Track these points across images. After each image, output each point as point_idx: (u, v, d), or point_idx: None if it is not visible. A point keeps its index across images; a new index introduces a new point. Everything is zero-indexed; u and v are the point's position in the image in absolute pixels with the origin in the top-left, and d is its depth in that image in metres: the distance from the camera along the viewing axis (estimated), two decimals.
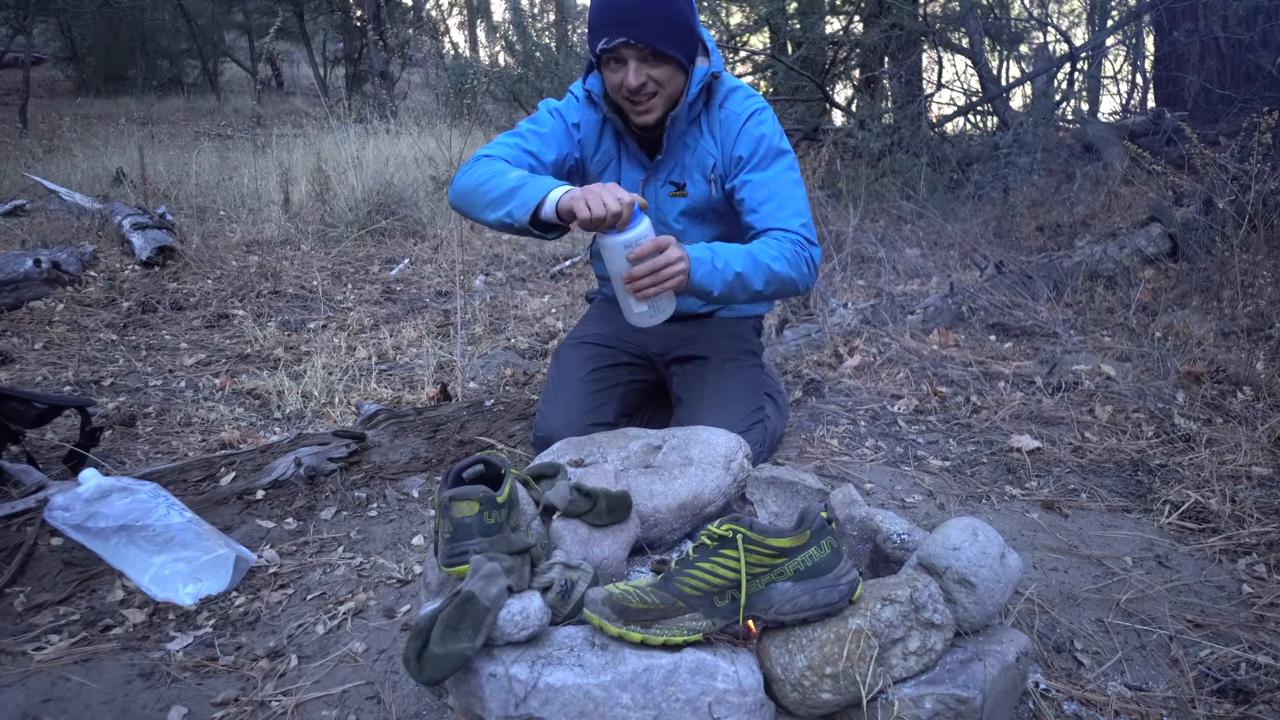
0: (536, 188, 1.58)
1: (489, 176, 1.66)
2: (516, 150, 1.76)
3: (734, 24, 7.25)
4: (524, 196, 1.58)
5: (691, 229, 1.90)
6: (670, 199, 1.87)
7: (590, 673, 1.04)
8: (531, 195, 1.57)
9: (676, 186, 1.87)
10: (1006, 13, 6.36)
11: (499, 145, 1.76)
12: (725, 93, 1.82)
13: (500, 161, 1.70)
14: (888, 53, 6.17)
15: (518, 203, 1.58)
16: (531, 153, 1.77)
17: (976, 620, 1.15)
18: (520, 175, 1.63)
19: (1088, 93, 8.04)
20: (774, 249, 1.69)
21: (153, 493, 1.63)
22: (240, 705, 1.25)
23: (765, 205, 1.76)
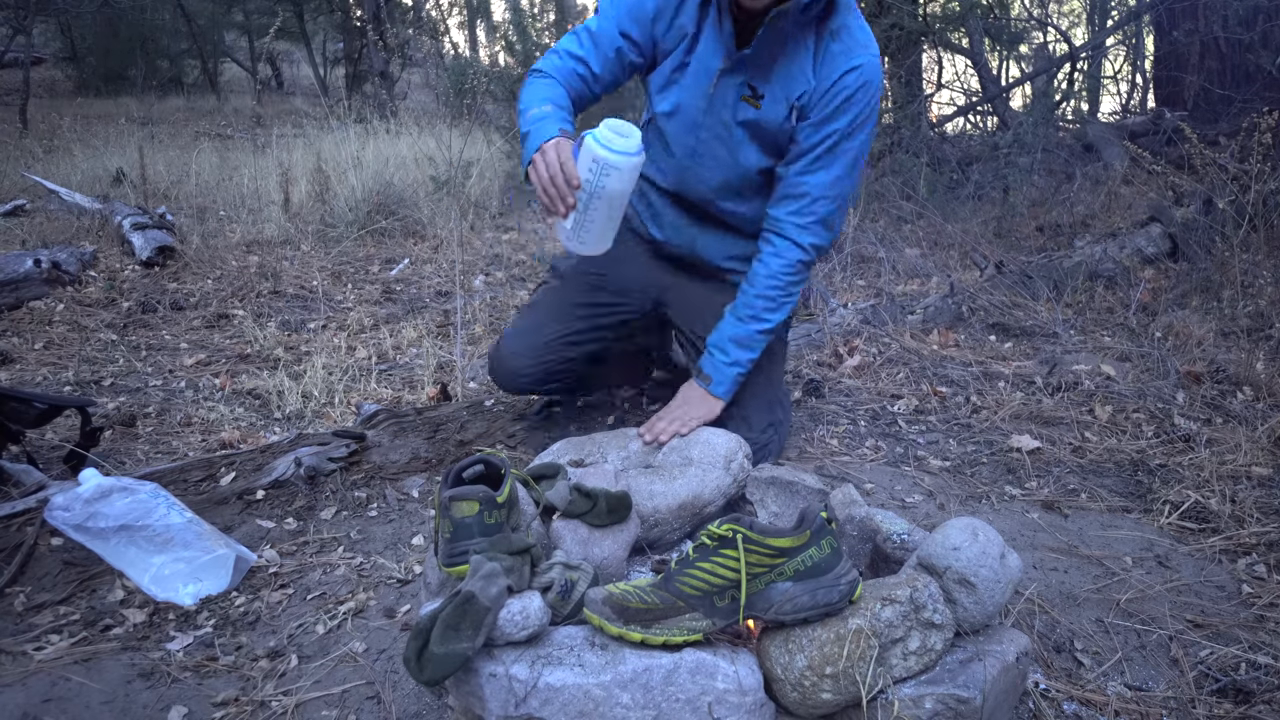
0: (536, 136, 1.54)
1: (522, 110, 1.63)
2: (565, 61, 1.69)
3: None
4: (527, 148, 1.55)
5: (749, 147, 1.72)
6: (741, 103, 1.67)
7: (590, 673, 1.04)
8: (531, 146, 1.54)
9: (754, 92, 1.66)
10: (1006, 13, 6.36)
11: (554, 54, 1.71)
12: (843, 22, 1.61)
13: (539, 85, 1.65)
14: (888, 53, 6.16)
15: (527, 148, 1.56)
16: (581, 58, 1.68)
17: (976, 620, 1.15)
18: (536, 115, 1.57)
19: (1088, 93, 8.04)
20: (770, 288, 1.73)
21: (153, 493, 1.63)
22: (240, 705, 1.25)
23: (794, 200, 1.69)
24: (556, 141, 1.48)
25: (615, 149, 1.44)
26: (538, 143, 1.52)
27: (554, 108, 1.58)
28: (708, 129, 1.73)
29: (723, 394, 1.75)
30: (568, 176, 1.44)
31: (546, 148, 1.48)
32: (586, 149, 1.45)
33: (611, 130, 1.46)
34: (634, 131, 1.48)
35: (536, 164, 1.48)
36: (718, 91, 1.68)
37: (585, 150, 1.45)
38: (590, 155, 1.45)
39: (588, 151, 1.45)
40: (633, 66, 1.72)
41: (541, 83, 1.65)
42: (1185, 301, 3.17)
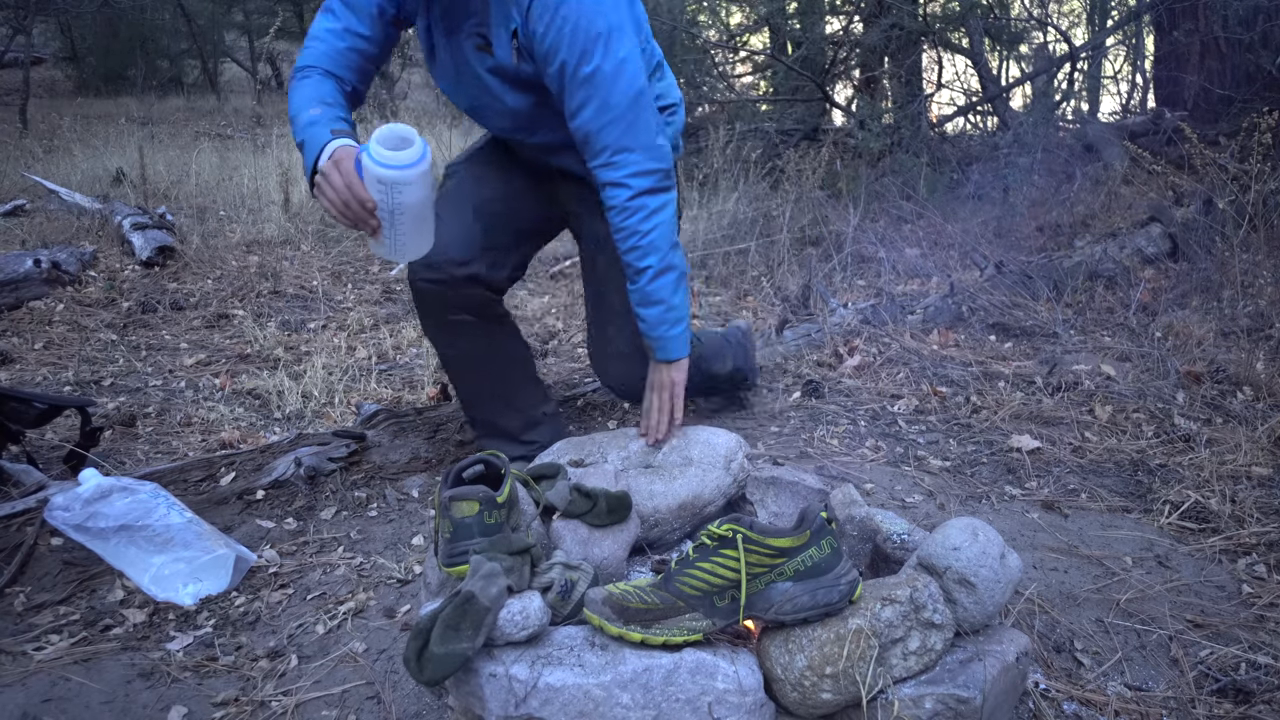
0: (311, 145, 1.44)
1: (292, 117, 1.51)
2: (326, 41, 1.56)
3: (734, 24, 7.25)
4: (305, 158, 1.46)
5: (508, 91, 1.63)
6: (476, 52, 1.60)
7: (590, 673, 1.04)
8: (308, 156, 1.44)
9: (484, 40, 1.59)
10: (1006, 13, 6.35)
11: (311, 42, 1.58)
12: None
13: (304, 86, 1.54)
14: (888, 53, 6.16)
15: (306, 159, 1.45)
16: (343, 30, 1.57)
17: (976, 620, 1.15)
18: (306, 119, 1.47)
19: (1088, 93, 8.04)
20: (624, 242, 1.57)
21: (153, 493, 1.63)
22: (240, 705, 1.25)
23: (584, 148, 1.55)
24: (335, 160, 1.37)
25: (395, 165, 1.33)
26: (314, 153, 1.42)
27: (323, 107, 1.48)
28: (468, 81, 1.64)
29: (674, 353, 1.62)
30: (360, 200, 1.35)
31: (327, 170, 1.37)
32: (366, 170, 1.35)
33: (383, 145, 1.34)
34: (409, 134, 1.37)
35: (323, 189, 1.37)
36: (457, 44, 1.61)
37: (366, 172, 1.35)
38: (373, 177, 1.34)
39: (369, 173, 1.34)
40: (396, 22, 1.62)
41: (305, 83, 1.54)
42: (1185, 301, 3.17)
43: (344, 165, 1.36)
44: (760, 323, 3.36)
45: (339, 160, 1.37)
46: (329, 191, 1.37)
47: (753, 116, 6.12)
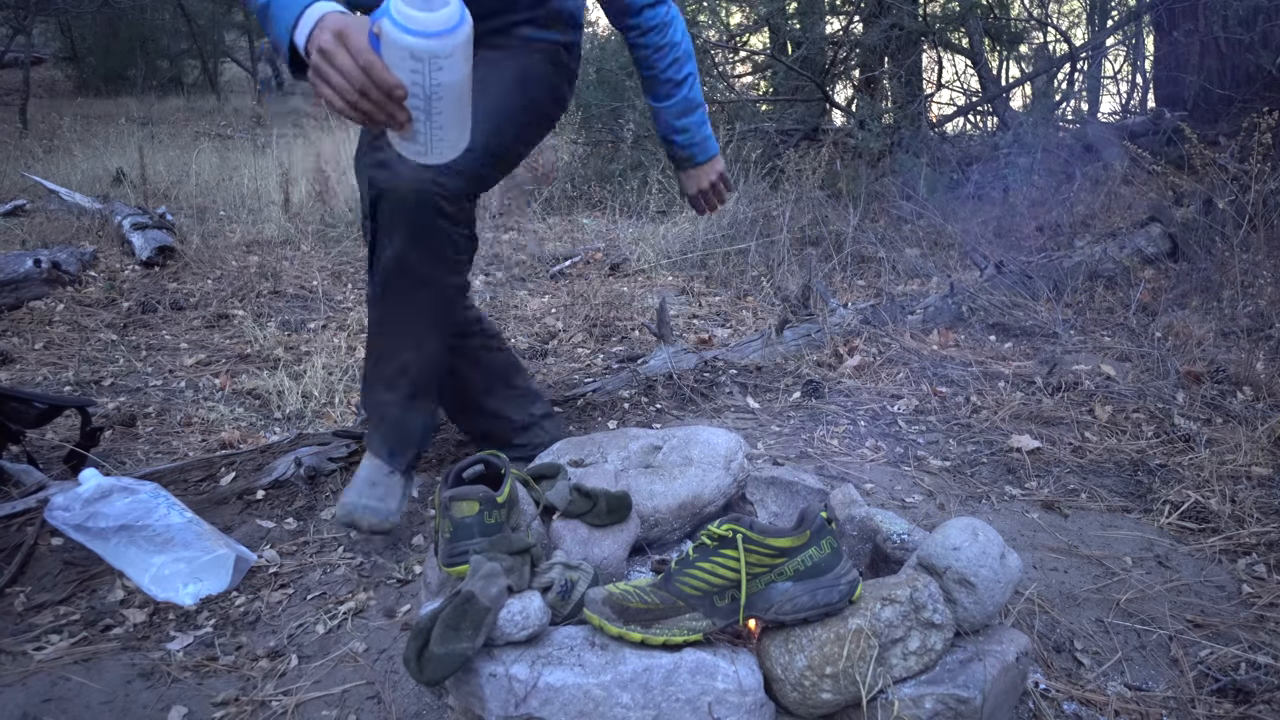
0: (284, 8, 1.11)
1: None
2: None
3: (734, 24, 7.25)
4: (278, 21, 1.12)
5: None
6: None
7: (590, 673, 1.04)
8: (279, 24, 1.11)
9: None
10: (1006, 13, 6.36)
11: None
12: None
13: None
14: (888, 53, 6.17)
15: (275, 30, 1.13)
16: None
17: (976, 620, 1.15)
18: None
19: (1088, 93, 8.04)
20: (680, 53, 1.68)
21: (153, 493, 1.63)
22: (240, 705, 1.25)
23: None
24: (338, 31, 1.01)
25: (431, 30, 0.96)
26: (289, 19, 1.08)
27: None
28: None
29: (715, 148, 1.79)
30: (384, 85, 0.99)
31: (328, 46, 1.01)
32: (392, 42, 0.98)
33: (409, 2, 0.97)
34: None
35: (324, 73, 1.01)
36: None
37: (390, 44, 0.98)
38: (402, 50, 0.98)
39: (395, 46, 0.98)
40: None
41: None
42: (1185, 301, 3.17)
43: (353, 38, 1.00)
44: (761, 323, 3.36)
45: (343, 32, 1.00)
46: (334, 77, 1.00)
47: (753, 116, 6.12)
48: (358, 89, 0.99)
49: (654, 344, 2.87)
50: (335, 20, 1.03)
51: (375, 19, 0.99)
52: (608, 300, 3.69)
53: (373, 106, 1.00)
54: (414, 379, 1.58)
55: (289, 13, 1.08)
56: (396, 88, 0.98)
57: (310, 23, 1.05)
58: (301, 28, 1.07)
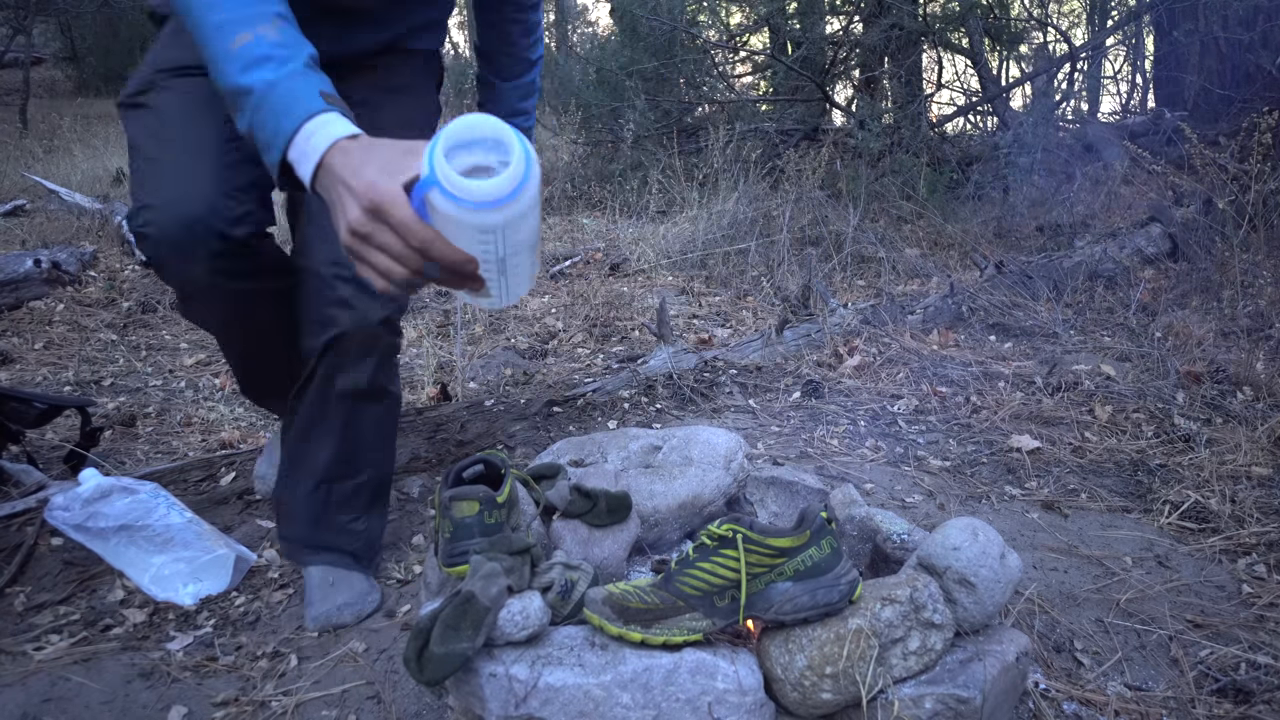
0: (281, 121, 0.87)
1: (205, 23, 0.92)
2: None
3: (734, 24, 7.26)
4: (272, 139, 0.88)
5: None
6: None
7: (590, 673, 1.04)
8: (275, 140, 0.88)
9: None
10: (1006, 13, 6.36)
11: None
12: None
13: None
14: (888, 53, 6.17)
15: (260, 135, 0.90)
16: None
17: (976, 620, 1.15)
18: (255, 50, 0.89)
19: (1088, 93, 8.04)
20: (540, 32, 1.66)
21: (153, 493, 1.63)
22: (240, 705, 1.25)
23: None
24: (374, 203, 0.79)
25: (501, 197, 0.79)
26: (284, 128, 0.86)
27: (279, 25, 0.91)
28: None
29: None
30: (452, 266, 0.81)
31: (358, 222, 0.80)
32: (452, 219, 0.79)
33: (465, 153, 0.82)
34: (492, 129, 0.82)
35: (365, 255, 0.82)
36: None
37: (449, 221, 0.80)
38: (467, 227, 0.80)
39: (458, 223, 0.80)
40: None
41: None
42: (1185, 301, 3.17)
43: (394, 214, 0.79)
44: (761, 323, 3.36)
45: (379, 207, 0.79)
46: (381, 260, 0.80)
47: (753, 116, 6.13)
48: (413, 270, 0.80)
49: (654, 344, 2.87)
50: (363, 184, 0.78)
51: (421, 191, 0.78)
52: (608, 300, 3.69)
53: (435, 282, 0.83)
54: (374, 489, 1.53)
55: (281, 121, 0.85)
56: (466, 264, 0.80)
57: (313, 153, 0.83)
58: (300, 154, 0.85)
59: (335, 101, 0.88)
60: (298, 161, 0.86)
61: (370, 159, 0.80)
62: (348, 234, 0.81)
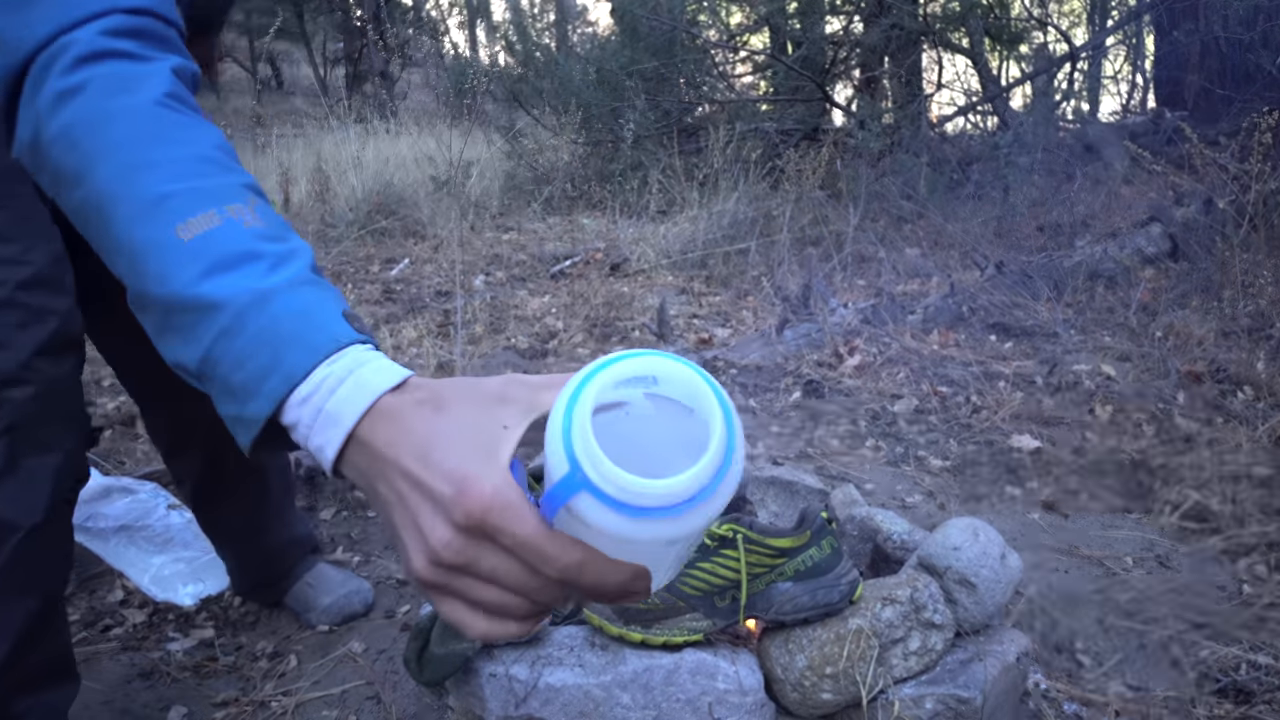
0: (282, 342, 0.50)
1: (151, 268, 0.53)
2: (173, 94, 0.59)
3: (734, 24, 7.26)
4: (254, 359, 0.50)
5: None
6: None
7: (590, 673, 1.04)
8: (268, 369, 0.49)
9: None
10: (1006, 12, 6.36)
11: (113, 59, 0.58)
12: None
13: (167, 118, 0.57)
14: (888, 53, 6.17)
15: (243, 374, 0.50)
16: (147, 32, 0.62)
17: (977, 620, 1.14)
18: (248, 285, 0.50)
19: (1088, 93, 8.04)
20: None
21: (153, 493, 1.63)
22: (240, 705, 1.25)
23: None
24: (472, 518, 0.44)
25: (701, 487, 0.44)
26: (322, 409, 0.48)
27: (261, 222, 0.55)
28: None
29: None
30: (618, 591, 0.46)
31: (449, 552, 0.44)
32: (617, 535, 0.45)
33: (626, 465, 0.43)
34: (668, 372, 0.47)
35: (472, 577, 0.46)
36: None
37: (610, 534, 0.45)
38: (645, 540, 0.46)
39: (628, 537, 0.45)
40: None
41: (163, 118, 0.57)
42: (1185, 301, 3.17)
43: (514, 528, 0.44)
44: (761, 323, 3.36)
45: (489, 515, 0.44)
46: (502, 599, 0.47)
47: (753, 116, 6.13)
48: (546, 605, 0.49)
49: (654, 344, 2.87)
50: (448, 481, 0.45)
51: (561, 497, 0.45)
52: (608, 300, 3.69)
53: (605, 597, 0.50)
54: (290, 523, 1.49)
55: (282, 356, 0.49)
56: (634, 580, 0.47)
57: (341, 415, 0.48)
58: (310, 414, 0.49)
59: (364, 327, 0.53)
60: (306, 425, 0.49)
61: (446, 429, 0.47)
62: (428, 566, 0.46)
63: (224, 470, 1.34)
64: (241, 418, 0.51)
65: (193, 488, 1.37)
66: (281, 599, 1.49)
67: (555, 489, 0.46)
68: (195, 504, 1.40)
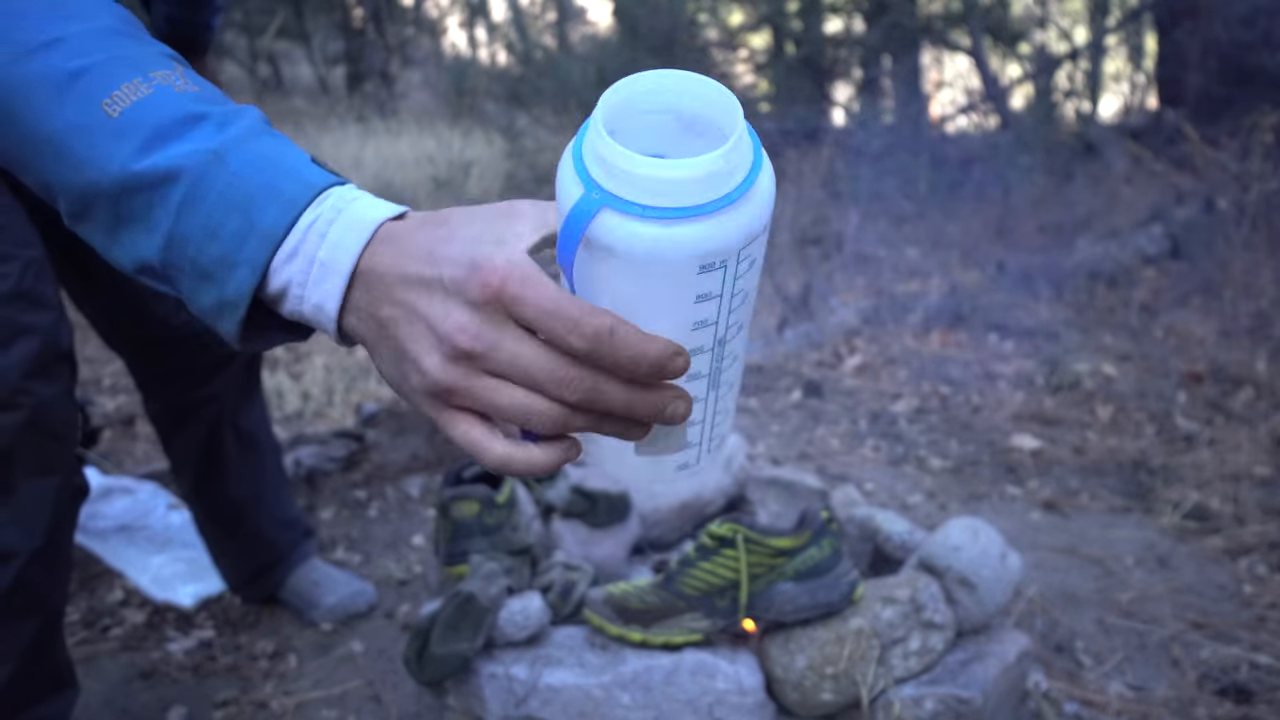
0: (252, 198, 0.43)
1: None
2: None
3: (734, 24, 7.26)
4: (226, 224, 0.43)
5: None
6: None
7: (590, 673, 1.04)
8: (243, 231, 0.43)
9: None
10: (1007, 12, 6.36)
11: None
12: None
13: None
14: (888, 52, 6.17)
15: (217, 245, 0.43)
16: None
17: (977, 620, 1.14)
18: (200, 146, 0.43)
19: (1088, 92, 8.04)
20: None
21: (153, 493, 1.63)
22: (240, 705, 1.25)
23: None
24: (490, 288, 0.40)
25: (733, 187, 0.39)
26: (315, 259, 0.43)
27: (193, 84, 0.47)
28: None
29: None
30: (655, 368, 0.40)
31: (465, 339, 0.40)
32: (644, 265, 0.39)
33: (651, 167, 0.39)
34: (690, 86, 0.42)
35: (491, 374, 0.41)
36: None
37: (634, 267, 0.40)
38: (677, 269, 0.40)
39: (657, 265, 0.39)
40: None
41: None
42: (1186, 301, 3.17)
43: (532, 292, 0.40)
44: (761, 322, 3.35)
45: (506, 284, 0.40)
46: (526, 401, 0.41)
47: (753, 116, 6.12)
48: (578, 399, 0.41)
49: None
50: (459, 264, 0.41)
51: (577, 231, 0.40)
52: None
53: (610, 415, 0.43)
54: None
55: (254, 213, 0.43)
56: (672, 357, 0.41)
57: (336, 259, 0.43)
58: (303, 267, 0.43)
59: (338, 172, 0.47)
60: (299, 285, 0.43)
61: (451, 233, 0.43)
62: (442, 364, 0.41)
63: (223, 446, 1.34)
64: (224, 300, 0.44)
65: (193, 472, 1.37)
66: (278, 592, 1.49)
67: (572, 218, 0.40)
68: (195, 488, 1.40)
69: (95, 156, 0.44)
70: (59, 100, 0.44)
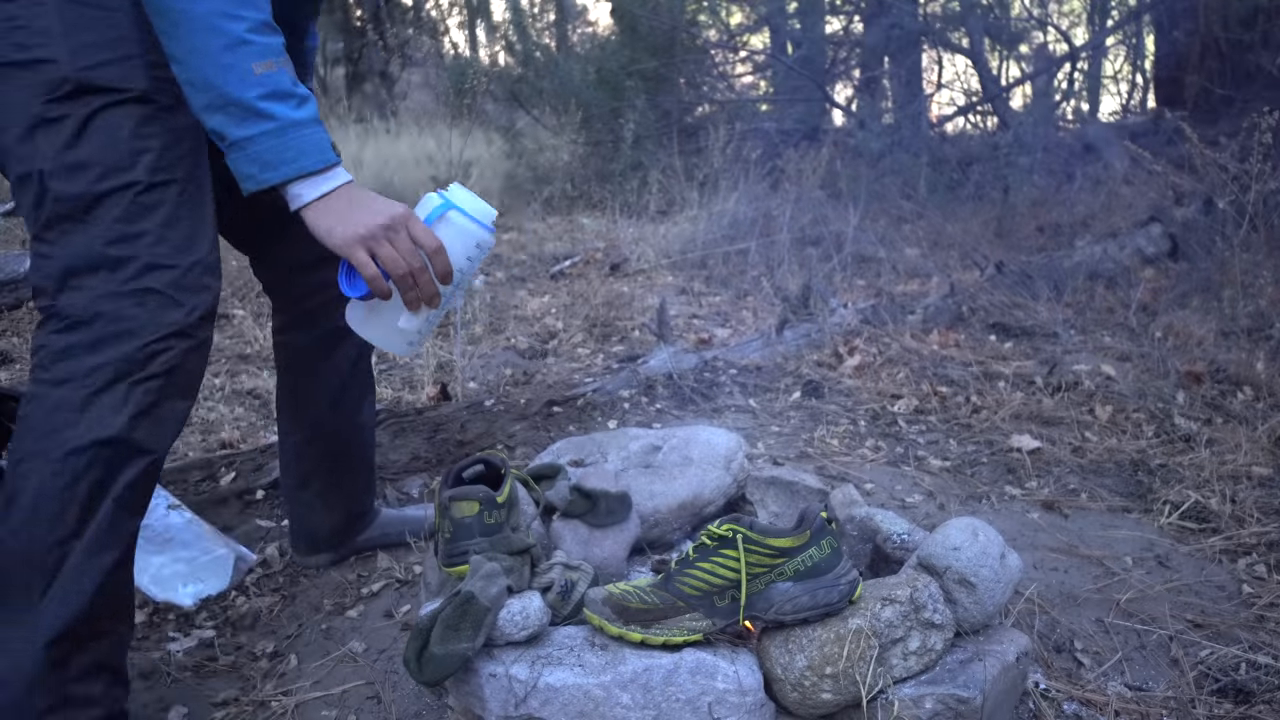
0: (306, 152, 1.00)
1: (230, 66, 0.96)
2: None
3: (734, 24, 7.26)
4: (281, 154, 0.99)
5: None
6: None
7: (590, 673, 1.04)
8: (291, 162, 1.00)
9: None
10: (1006, 12, 6.36)
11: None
12: None
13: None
14: (888, 53, 6.17)
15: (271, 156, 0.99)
16: None
17: (977, 620, 1.15)
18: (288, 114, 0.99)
19: (1088, 93, 8.04)
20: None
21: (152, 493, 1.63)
22: (240, 705, 1.25)
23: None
24: (407, 214, 1.04)
25: (491, 223, 1.11)
26: (305, 159, 0.99)
27: (294, 76, 1.01)
28: None
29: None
30: (444, 274, 1.07)
31: (388, 221, 1.02)
32: (461, 233, 1.08)
33: (467, 191, 1.11)
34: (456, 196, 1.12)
35: (380, 248, 1.02)
36: None
37: (458, 234, 1.08)
38: (469, 240, 1.09)
39: (465, 236, 1.08)
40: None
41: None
42: (1185, 301, 3.17)
43: (415, 224, 1.04)
44: (761, 323, 3.36)
45: (410, 217, 1.04)
46: (390, 254, 1.02)
47: (753, 116, 6.13)
48: (414, 269, 1.03)
49: (654, 344, 2.87)
50: (381, 207, 1.02)
51: (436, 214, 1.07)
52: (608, 300, 3.70)
53: (419, 287, 1.05)
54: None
55: (302, 160, 0.99)
56: (449, 271, 1.06)
57: (326, 184, 1.01)
58: (307, 185, 1.00)
59: (338, 151, 1.06)
60: (299, 188, 1.01)
61: (375, 197, 1.05)
62: (356, 239, 1.01)
63: (361, 372, 1.56)
64: (256, 176, 0.99)
65: (331, 396, 1.54)
66: (356, 540, 1.62)
67: (435, 209, 1.08)
68: (332, 408, 1.55)
69: (231, 84, 0.95)
70: (227, 51, 0.95)
